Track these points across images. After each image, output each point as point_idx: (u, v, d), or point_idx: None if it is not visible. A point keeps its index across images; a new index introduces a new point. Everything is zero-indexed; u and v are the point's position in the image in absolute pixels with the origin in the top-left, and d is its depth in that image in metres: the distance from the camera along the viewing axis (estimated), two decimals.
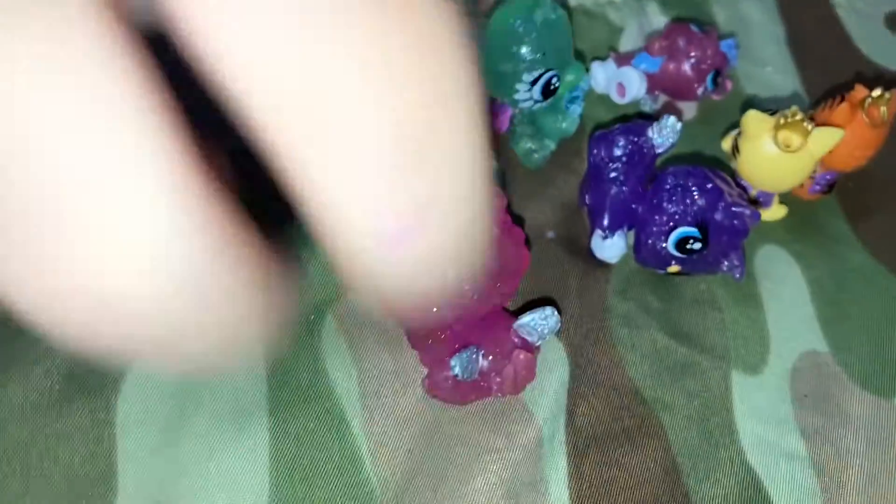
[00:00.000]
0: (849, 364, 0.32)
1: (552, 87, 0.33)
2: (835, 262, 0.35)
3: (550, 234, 0.34)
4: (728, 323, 0.33)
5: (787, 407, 0.31)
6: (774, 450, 0.30)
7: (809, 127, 0.32)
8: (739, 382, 0.32)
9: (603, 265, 0.34)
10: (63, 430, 0.29)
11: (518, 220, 0.34)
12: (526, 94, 0.33)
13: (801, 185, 0.36)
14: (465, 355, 0.28)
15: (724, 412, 0.31)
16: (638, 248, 0.32)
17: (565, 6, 0.41)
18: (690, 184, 0.31)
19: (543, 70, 0.32)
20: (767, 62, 0.41)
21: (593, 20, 0.41)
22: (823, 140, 0.32)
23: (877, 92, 0.33)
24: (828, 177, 0.35)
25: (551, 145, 0.36)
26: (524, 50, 0.32)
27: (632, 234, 0.33)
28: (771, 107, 0.33)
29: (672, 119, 0.32)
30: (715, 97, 0.38)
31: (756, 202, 0.35)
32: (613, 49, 0.40)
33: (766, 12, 0.43)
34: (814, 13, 0.43)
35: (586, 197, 0.33)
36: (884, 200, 0.37)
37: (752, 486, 0.30)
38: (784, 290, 0.34)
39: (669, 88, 0.38)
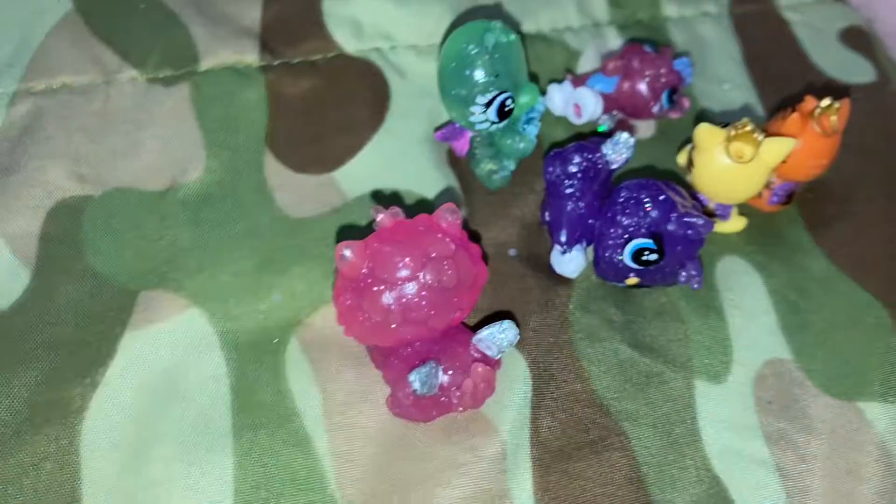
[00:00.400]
0: (812, 370, 0.33)
1: (507, 109, 0.34)
2: (796, 271, 0.35)
3: (512, 252, 0.35)
4: (690, 333, 0.33)
5: (751, 414, 0.32)
6: (739, 456, 0.31)
7: (760, 137, 0.32)
8: (703, 391, 0.32)
9: (565, 280, 0.34)
10: (27, 458, 0.29)
11: (475, 237, 0.35)
12: (481, 115, 0.34)
13: (760, 197, 0.36)
14: (423, 370, 0.28)
15: (689, 421, 0.31)
16: (597, 262, 0.33)
17: (520, 32, 0.42)
18: (643, 196, 0.31)
19: (497, 92, 0.33)
20: (724, 79, 0.42)
21: (552, 46, 0.42)
22: (775, 150, 0.33)
23: (826, 102, 0.34)
24: (786, 187, 0.36)
25: (511, 166, 0.36)
26: (476, 73, 0.33)
27: (592, 248, 0.33)
28: (728, 121, 0.34)
29: (625, 135, 0.33)
30: (673, 115, 0.39)
31: (712, 215, 0.35)
32: (570, 71, 0.41)
33: (722, 32, 0.44)
34: (769, 31, 0.44)
35: (546, 214, 0.34)
36: (844, 209, 0.38)
37: (717, 493, 0.30)
38: (745, 299, 0.34)
39: (626, 107, 0.38)
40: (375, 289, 0.28)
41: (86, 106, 0.37)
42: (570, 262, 0.33)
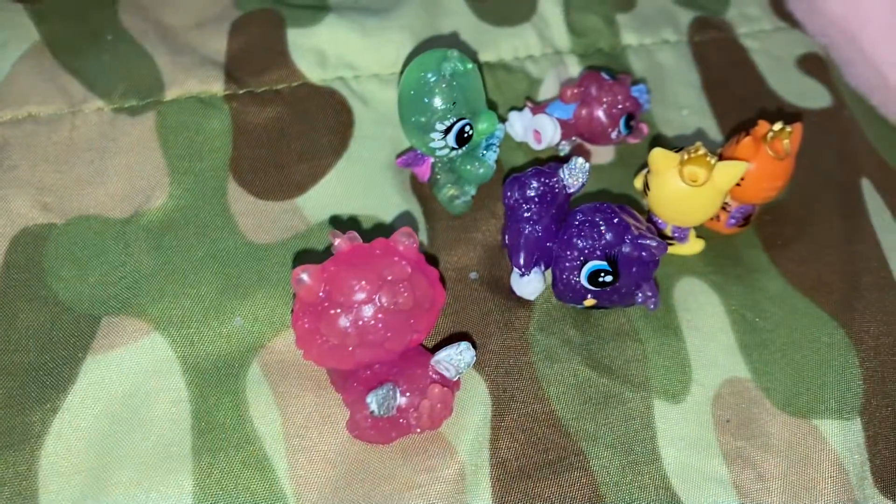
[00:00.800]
0: (769, 388, 0.33)
1: (466, 136, 0.35)
2: (754, 292, 0.36)
3: (473, 275, 0.35)
4: (649, 353, 0.34)
5: (710, 432, 0.32)
6: (697, 474, 0.31)
7: (712, 161, 0.33)
8: (662, 411, 0.32)
9: (525, 302, 0.35)
10: None
11: (433, 260, 0.35)
12: (441, 142, 0.34)
13: (718, 219, 0.37)
14: (380, 392, 0.29)
15: (648, 440, 0.32)
16: (555, 284, 0.33)
17: (476, 61, 0.42)
18: (598, 219, 0.32)
19: (455, 119, 0.34)
20: (684, 105, 0.43)
21: (513, 73, 0.43)
22: (727, 173, 0.33)
23: (777, 126, 0.35)
24: (743, 210, 0.37)
25: (472, 191, 0.37)
26: (435, 101, 0.34)
27: (550, 271, 0.34)
28: (683, 145, 0.34)
29: (580, 160, 0.33)
30: (632, 140, 0.40)
31: (664, 236, 0.36)
32: (530, 98, 0.42)
33: (681, 59, 0.45)
34: (728, 58, 0.45)
35: (505, 237, 0.34)
36: (801, 231, 0.38)
37: None
38: (704, 320, 0.35)
39: (584, 133, 0.39)
40: (332, 312, 0.29)
41: (51, 136, 0.38)
42: (529, 284, 0.33)
